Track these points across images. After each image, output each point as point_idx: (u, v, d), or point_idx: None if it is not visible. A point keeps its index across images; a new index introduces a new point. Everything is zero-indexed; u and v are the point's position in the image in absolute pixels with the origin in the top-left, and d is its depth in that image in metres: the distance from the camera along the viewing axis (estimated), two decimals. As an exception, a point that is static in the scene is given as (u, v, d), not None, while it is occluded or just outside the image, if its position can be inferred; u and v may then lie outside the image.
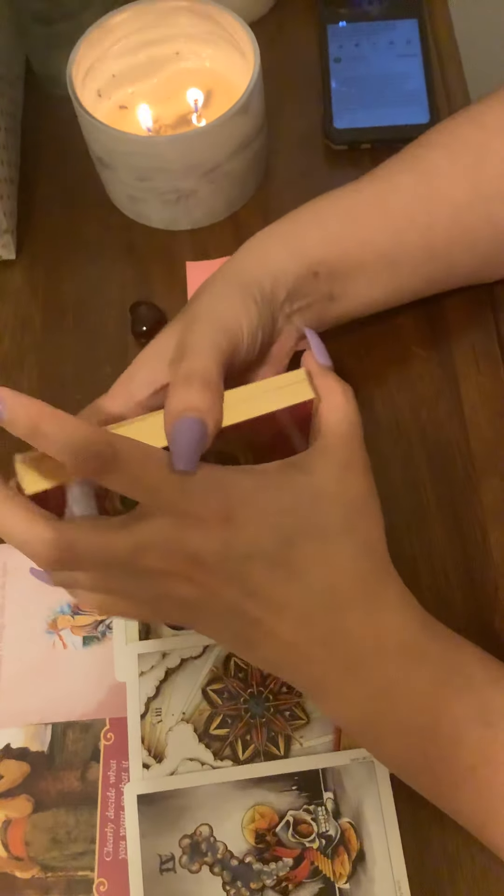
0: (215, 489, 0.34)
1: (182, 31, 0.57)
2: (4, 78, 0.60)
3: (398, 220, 0.46)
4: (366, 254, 0.46)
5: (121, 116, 0.58)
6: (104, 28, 0.55)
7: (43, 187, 0.61)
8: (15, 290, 0.57)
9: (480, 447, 0.49)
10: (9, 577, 0.49)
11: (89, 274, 0.57)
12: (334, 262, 0.45)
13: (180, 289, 0.56)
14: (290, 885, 0.42)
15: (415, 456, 0.50)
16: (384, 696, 0.36)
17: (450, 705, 0.36)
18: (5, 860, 0.43)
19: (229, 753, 0.44)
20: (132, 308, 0.54)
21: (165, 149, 0.52)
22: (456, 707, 0.36)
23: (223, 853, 0.42)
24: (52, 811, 0.44)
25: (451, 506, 0.48)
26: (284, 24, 0.66)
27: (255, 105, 0.53)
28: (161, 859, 0.42)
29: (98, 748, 0.45)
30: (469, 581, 0.46)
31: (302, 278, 0.44)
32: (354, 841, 0.42)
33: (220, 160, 0.54)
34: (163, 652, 0.46)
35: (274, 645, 0.36)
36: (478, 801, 0.36)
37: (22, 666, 0.47)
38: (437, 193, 0.46)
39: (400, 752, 0.37)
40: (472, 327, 0.53)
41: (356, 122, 0.60)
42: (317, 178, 0.60)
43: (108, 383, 0.41)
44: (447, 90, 0.62)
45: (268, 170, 0.60)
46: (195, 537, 0.33)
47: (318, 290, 0.45)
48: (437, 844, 0.42)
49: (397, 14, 0.64)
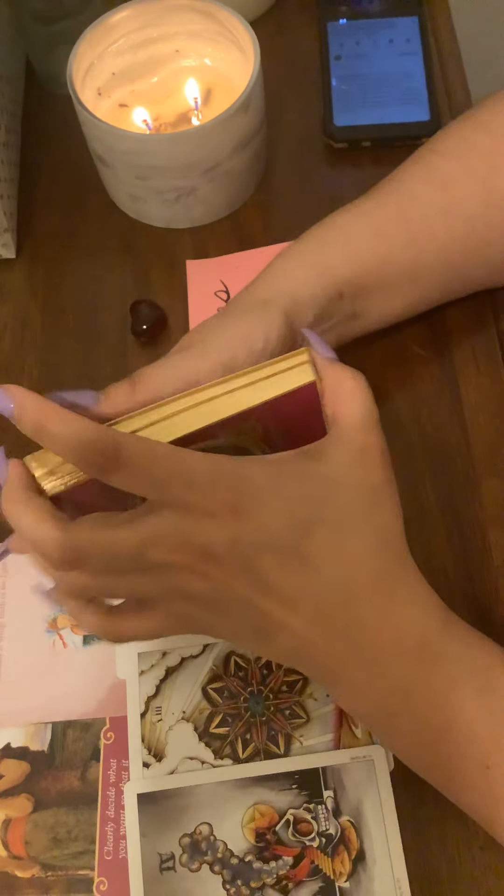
0: (225, 480, 0.33)
1: (182, 29, 0.57)
2: (4, 77, 0.60)
3: (419, 234, 0.46)
4: (388, 270, 0.46)
5: (121, 115, 0.58)
6: (104, 26, 0.55)
7: (43, 186, 0.61)
8: (15, 290, 0.57)
9: (480, 447, 0.49)
10: (9, 577, 0.49)
11: (89, 273, 0.57)
12: (360, 280, 0.45)
13: (180, 287, 0.56)
14: (290, 884, 0.42)
15: (415, 456, 0.50)
16: (401, 692, 0.36)
17: (466, 705, 0.35)
18: (5, 859, 0.43)
19: (229, 752, 0.44)
20: (132, 307, 0.54)
21: (165, 147, 0.52)
22: (473, 707, 0.35)
23: (223, 852, 0.42)
24: (52, 810, 0.44)
25: (451, 506, 0.48)
26: (284, 22, 0.66)
27: (255, 103, 0.53)
28: (161, 858, 0.42)
29: (98, 747, 0.45)
30: (469, 581, 0.46)
31: (329, 300, 0.44)
32: (354, 839, 0.42)
33: (220, 158, 0.54)
34: (163, 651, 0.46)
35: (289, 638, 0.35)
36: (489, 798, 0.36)
37: (22, 665, 0.47)
38: (454, 206, 0.46)
39: (413, 747, 0.37)
40: (473, 328, 0.53)
41: (356, 119, 0.60)
42: (317, 177, 0.60)
43: (108, 383, 0.41)
44: (447, 88, 0.62)
45: (268, 168, 0.60)
46: (204, 529, 0.33)
47: (343, 310, 0.46)
48: (437, 844, 0.42)
49: (398, 12, 0.63)
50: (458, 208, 0.46)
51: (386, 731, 0.38)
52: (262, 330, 0.41)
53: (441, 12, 0.66)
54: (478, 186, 0.46)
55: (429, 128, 0.58)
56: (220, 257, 0.57)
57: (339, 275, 0.45)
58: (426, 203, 0.46)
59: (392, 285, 0.47)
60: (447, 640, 0.36)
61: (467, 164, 0.47)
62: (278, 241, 0.56)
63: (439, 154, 0.48)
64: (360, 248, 0.45)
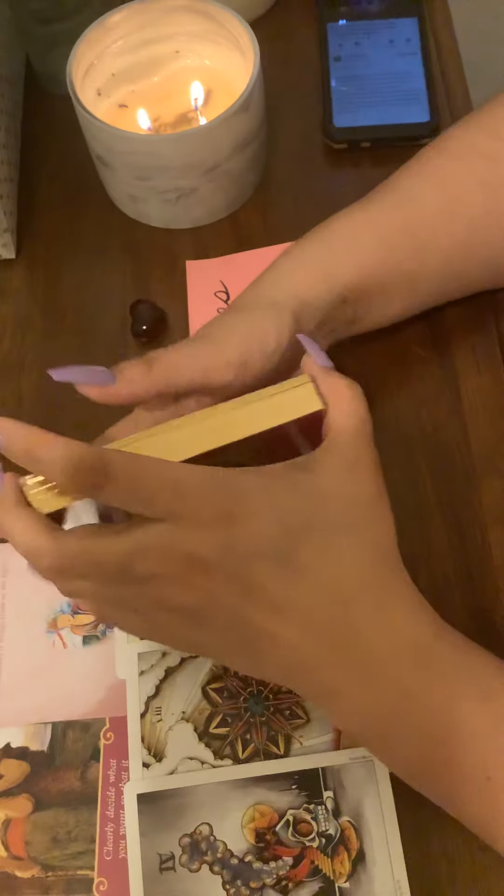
0: (215, 490, 0.33)
1: (182, 29, 0.57)
2: (4, 77, 0.60)
3: (423, 242, 0.46)
4: (390, 275, 0.46)
5: (121, 115, 0.58)
6: (104, 27, 0.55)
7: (43, 187, 0.61)
8: (15, 290, 0.57)
9: (480, 447, 0.49)
10: (9, 577, 0.49)
11: (89, 274, 0.57)
12: (364, 287, 0.45)
13: (180, 288, 0.56)
14: (289, 884, 0.42)
15: (415, 456, 0.50)
16: (397, 705, 0.35)
17: (465, 716, 0.35)
18: (5, 859, 0.43)
19: (229, 752, 0.44)
20: (132, 307, 0.54)
21: (165, 147, 0.52)
22: (471, 718, 0.35)
23: (223, 852, 0.42)
24: (52, 810, 0.44)
25: (451, 506, 0.48)
26: (284, 23, 0.66)
27: (254, 104, 0.53)
28: (161, 858, 0.42)
29: (98, 747, 0.45)
30: (469, 581, 0.46)
31: (333, 305, 0.44)
32: (354, 840, 0.42)
33: (219, 159, 0.54)
34: (163, 651, 0.46)
35: (282, 651, 0.35)
36: (491, 811, 0.35)
37: (22, 665, 0.47)
38: (456, 211, 0.46)
39: (412, 762, 0.36)
40: (473, 328, 0.53)
41: (356, 120, 0.60)
42: (316, 177, 0.60)
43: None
44: (447, 88, 0.62)
45: (267, 168, 0.60)
46: (193, 539, 0.33)
47: (345, 315, 0.46)
48: (437, 844, 0.42)
49: (397, 12, 0.64)
50: (460, 211, 0.46)
51: (384, 747, 0.37)
52: (275, 331, 0.41)
53: (441, 12, 0.66)
54: (481, 191, 0.46)
55: (428, 128, 0.59)
56: (220, 258, 0.57)
57: (344, 281, 0.45)
58: (429, 207, 0.46)
59: (392, 290, 0.47)
60: (441, 648, 0.36)
61: (470, 167, 0.47)
62: (278, 242, 0.56)
63: (442, 157, 0.48)
64: (364, 255, 0.45)
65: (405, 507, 0.48)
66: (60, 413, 0.52)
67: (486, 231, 0.46)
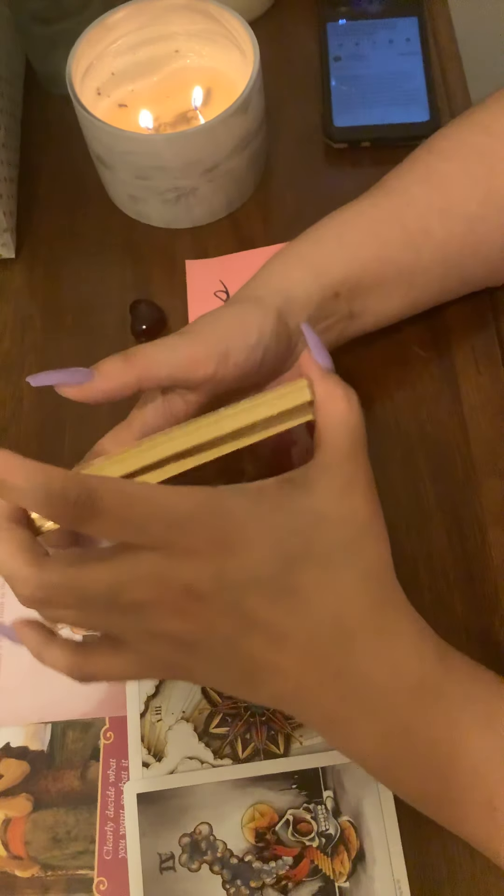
0: (206, 516, 0.32)
1: (181, 29, 0.57)
2: (4, 77, 0.60)
3: (416, 235, 0.46)
4: (385, 270, 0.46)
5: (120, 115, 0.58)
6: (103, 26, 0.55)
7: (43, 187, 0.61)
8: (15, 290, 0.57)
9: (480, 447, 0.49)
10: (9, 576, 0.49)
11: (89, 274, 0.57)
12: (356, 281, 0.45)
13: (180, 287, 0.56)
14: (289, 884, 0.42)
15: (415, 456, 0.50)
16: (401, 734, 0.34)
17: (469, 742, 0.34)
18: (5, 859, 0.43)
19: (229, 752, 0.44)
20: (132, 306, 0.54)
21: (165, 147, 0.52)
22: (475, 743, 0.34)
23: (223, 852, 0.42)
24: (51, 810, 0.44)
25: (451, 506, 0.48)
26: (284, 22, 0.66)
27: (254, 103, 0.53)
28: (161, 858, 0.42)
29: (98, 747, 0.45)
30: (469, 581, 0.46)
31: (324, 300, 0.44)
32: (354, 839, 0.42)
33: (219, 158, 0.54)
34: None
35: (279, 680, 0.34)
36: (497, 835, 0.34)
37: (22, 665, 0.47)
38: (453, 206, 0.46)
39: (417, 788, 0.36)
40: (472, 327, 0.53)
41: (356, 120, 0.60)
42: (316, 177, 0.60)
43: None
44: (447, 88, 0.62)
45: (267, 168, 0.60)
46: (187, 568, 0.31)
47: (340, 309, 0.45)
48: (437, 844, 0.42)
49: (397, 12, 0.64)
50: (456, 208, 0.46)
51: (387, 774, 0.36)
52: (256, 323, 0.41)
53: (441, 12, 0.66)
54: (476, 186, 0.46)
55: (428, 128, 0.58)
56: (220, 257, 0.57)
57: (334, 275, 0.44)
58: (423, 203, 0.46)
59: (389, 285, 0.47)
60: (444, 673, 0.35)
61: (465, 164, 0.47)
62: (278, 242, 0.56)
63: (437, 154, 0.47)
64: (355, 249, 0.45)
65: (405, 508, 0.48)
66: (61, 413, 0.52)
67: (483, 227, 0.46)
